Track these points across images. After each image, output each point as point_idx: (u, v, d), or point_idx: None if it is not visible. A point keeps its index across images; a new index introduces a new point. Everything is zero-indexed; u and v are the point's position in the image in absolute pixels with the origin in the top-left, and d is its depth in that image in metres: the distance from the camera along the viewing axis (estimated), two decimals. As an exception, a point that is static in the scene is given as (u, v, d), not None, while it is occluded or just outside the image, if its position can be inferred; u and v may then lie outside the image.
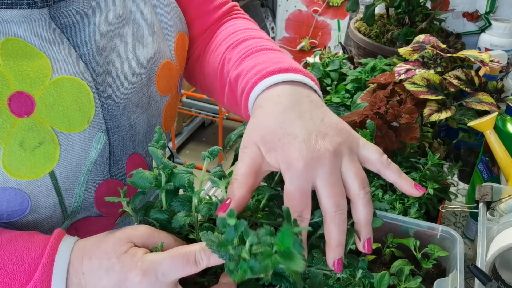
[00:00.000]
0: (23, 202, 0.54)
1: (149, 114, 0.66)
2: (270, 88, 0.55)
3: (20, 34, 0.52)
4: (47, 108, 0.53)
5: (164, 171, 0.49)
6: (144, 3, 0.66)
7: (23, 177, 0.53)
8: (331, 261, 0.48)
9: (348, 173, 0.49)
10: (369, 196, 0.49)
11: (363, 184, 0.49)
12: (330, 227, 0.48)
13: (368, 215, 0.50)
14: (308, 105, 0.53)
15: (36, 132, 0.52)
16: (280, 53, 0.64)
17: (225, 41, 0.71)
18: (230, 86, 0.66)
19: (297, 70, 0.57)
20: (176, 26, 0.71)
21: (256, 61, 0.61)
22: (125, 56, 0.61)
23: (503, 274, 0.65)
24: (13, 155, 0.51)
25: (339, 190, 0.48)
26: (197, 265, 0.45)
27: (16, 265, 0.47)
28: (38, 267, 0.46)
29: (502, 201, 0.71)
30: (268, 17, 3.65)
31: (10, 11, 0.51)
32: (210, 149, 0.51)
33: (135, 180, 0.49)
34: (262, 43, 0.66)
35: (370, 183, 0.79)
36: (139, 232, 0.48)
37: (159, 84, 0.67)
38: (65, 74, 0.54)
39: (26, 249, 0.48)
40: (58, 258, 0.47)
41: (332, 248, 0.48)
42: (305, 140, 0.48)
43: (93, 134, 0.57)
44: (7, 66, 0.50)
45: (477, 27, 1.33)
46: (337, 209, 0.48)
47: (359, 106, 0.91)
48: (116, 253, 0.46)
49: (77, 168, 0.57)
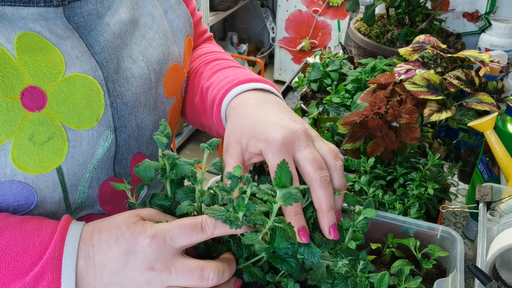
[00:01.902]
0: (29, 196, 0.54)
1: (156, 115, 0.67)
2: (242, 93, 0.62)
3: (37, 29, 0.53)
4: (58, 104, 0.54)
5: (168, 160, 0.51)
6: (154, 7, 0.67)
7: (30, 171, 0.53)
8: (326, 227, 0.51)
9: (321, 149, 0.54)
10: (342, 169, 0.54)
11: (337, 157, 0.54)
12: (318, 192, 0.51)
13: (343, 185, 0.54)
14: (276, 105, 0.59)
15: (46, 127, 0.53)
16: (248, 70, 0.72)
17: (199, 58, 0.79)
18: (201, 96, 0.71)
19: (265, 81, 0.65)
20: (186, 30, 0.73)
21: (227, 74, 0.69)
22: (135, 57, 0.63)
23: (503, 274, 0.65)
24: (22, 148, 0.52)
25: (318, 157, 0.53)
26: (204, 232, 0.47)
27: (26, 244, 0.47)
28: (49, 246, 0.47)
29: (502, 201, 0.71)
30: (268, 17, 3.65)
31: (27, 9, 0.52)
32: (209, 141, 0.53)
33: (140, 170, 0.51)
34: (232, 63, 0.75)
35: (370, 183, 0.79)
36: (147, 211, 0.51)
37: (167, 86, 0.68)
38: (77, 71, 0.56)
39: (37, 230, 0.48)
40: (69, 235, 0.48)
41: (325, 213, 0.51)
42: (279, 122, 0.54)
43: (101, 132, 0.58)
44: (22, 60, 0.51)
45: (477, 27, 1.33)
46: (320, 172, 0.51)
47: (359, 106, 0.91)
48: (126, 223, 0.48)
49: (84, 165, 0.58)
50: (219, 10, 2.99)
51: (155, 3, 0.68)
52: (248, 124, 0.55)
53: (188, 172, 0.51)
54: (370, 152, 0.80)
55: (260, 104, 0.59)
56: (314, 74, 1.13)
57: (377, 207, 0.78)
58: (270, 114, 0.56)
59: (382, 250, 0.71)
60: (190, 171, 0.51)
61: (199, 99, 0.72)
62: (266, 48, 3.84)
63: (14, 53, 0.51)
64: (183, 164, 0.52)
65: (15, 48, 0.51)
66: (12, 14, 0.51)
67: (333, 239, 0.52)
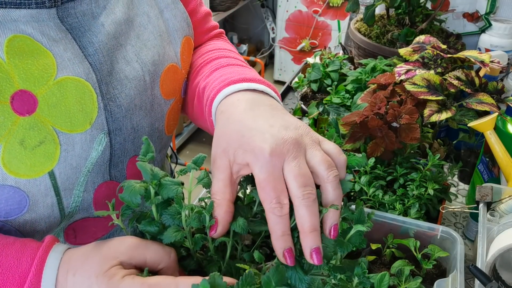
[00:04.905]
0: (21, 200, 0.54)
1: (152, 117, 0.66)
2: (232, 94, 0.57)
3: (28, 31, 0.52)
4: (49, 108, 0.53)
5: (153, 183, 0.48)
6: (150, 6, 0.66)
7: (22, 175, 0.53)
8: (307, 250, 0.46)
9: (314, 159, 0.49)
10: (338, 179, 0.49)
11: (330, 168, 0.49)
12: (301, 211, 0.46)
13: (338, 198, 0.49)
14: (268, 107, 0.54)
15: (37, 131, 0.52)
16: (248, 68, 0.67)
17: (202, 57, 0.74)
18: (198, 97, 0.68)
19: (260, 81, 0.59)
20: (183, 30, 0.71)
21: (223, 73, 0.64)
22: (129, 59, 0.61)
23: (503, 274, 0.65)
24: (13, 153, 0.51)
25: (305, 171, 0.48)
26: None
27: (6, 275, 0.47)
28: (27, 280, 0.46)
29: (502, 201, 0.71)
30: (269, 17, 3.65)
31: (18, 11, 0.51)
32: (194, 158, 0.50)
33: (125, 196, 0.48)
34: (234, 61, 0.69)
35: (370, 184, 0.79)
36: (125, 246, 0.48)
37: (163, 87, 0.67)
38: (69, 74, 0.55)
39: (17, 260, 0.48)
40: (46, 273, 0.47)
41: (307, 234, 0.46)
42: (268, 131, 0.50)
43: (95, 135, 0.57)
44: (12, 64, 0.51)
45: (477, 28, 1.33)
46: (305, 189, 0.46)
47: (360, 107, 0.91)
48: (96, 271, 0.46)
49: (77, 168, 0.57)
50: (219, 10, 2.99)
51: (151, 3, 0.66)
52: (235, 131, 0.51)
53: (174, 193, 0.48)
54: (370, 152, 0.80)
55: (250, 108, 0.54)
56: (314, 75, 1.13)
57: (377, 208, 0.78)
58: (260, 120, 0.51)
59: (382, 251, 0.71)
60: (175, 193, 0.48)
61: (197, 100, 0.70)
62: (266, 48, 3.84)
63: (3, 56, 0.50)
64: (169, 185, 0.49)
65: (4, 51, 0.50)
66: (2, 16, 0.50)
67: (315, 264, 0.47)
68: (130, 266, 0.47)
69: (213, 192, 0.50)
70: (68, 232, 0.62)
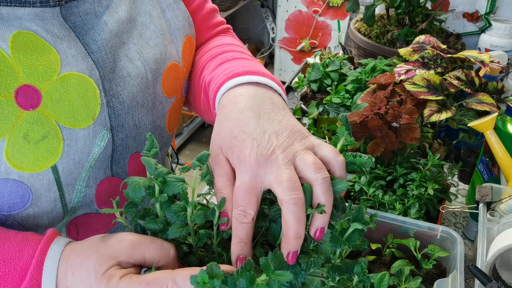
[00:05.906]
0: (24, 195, 0.54)
1: (154, 115, 0.67)
2: (235, 87, 0.57)
3: (33, 28, 0.53)
4: (53, 103, 0.54)
5: (157, 180, 0.48)
6: (152, 6, 0.67)
7: (25, 169, 0.53)
8: (285, 252, 0.47)
9: (303, 164, 0.48)
10: (328, 182, 0.48)
11: (318, 170, 0.48)
12: (287, 216, 0.46)
13: (328, 201, 0.48)
14: (268, 106, 0.54)
15: (41, 125, 0.53)
16: (254, 62, 0.66)
17: (207, 53, 0.74)
18: (204, 91, 0.68)
19: (264, 74, 0.59)
20: (184, 29, 0.72)
21: (228, 66, 0.64)
22: (131, 56, 0.62)
23: (503, 274, 0.65)
24: (16, 146, 0.52)
25: (291, 177, 0.47)
26: None
27: (8, 267, 0.47)
28: (28, 271, 0.47)
29: (502, 201, 0.71)
30: (268, 17, 3.65)
31: (23, 9, 0.52)
32: (198, 155, 0.50)
33: (129, 192, 0.48)
34: (240, 55, 0.69)
35: (370, 184, 0.79)
36: (124, 244, 0.48)
37: (165, 85, 0.68)
38: (73, 71, 0.55)
39: (19, 252, 0.48)
40: (46, 265, 0.47)
41: (290, 241, 0.46)
42: (258, 138, 0.49)
43: (97, 131, 0.58)
44: (17, 59, 0.51)
45: (477, 28, 1.33)
46: (291, 194, 0.46)
47: (359, 107, 0.91)
48: (95, 272, 0.46)
49: (80, 164, 0.58)
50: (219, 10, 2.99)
51: (153, 2, 0.67)
52: (229, 131, 0.51)
53: (179, 190, 0.48)
54: (370, 152, 0.80)
55: (250, 107, 0.53)
56: (314, 75, 1.13)
57: (377, 208, 0.78)
58: (254, 124, 0.51)
59: (382, 251, 0.71)
60: (181, 189, 0.48)
61: (203, 95, 0.69)
62: (266, 48, 3.84)
63: (8, 51, 0.51)
64: (174, 182, 0.49)
65: (9, 46, 0.51)
66: (8, 14, 0.51)
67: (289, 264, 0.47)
68: (129, 265, 0.47)
69: (218, 187, 0.51)
70: (70, 227, 0.63)
